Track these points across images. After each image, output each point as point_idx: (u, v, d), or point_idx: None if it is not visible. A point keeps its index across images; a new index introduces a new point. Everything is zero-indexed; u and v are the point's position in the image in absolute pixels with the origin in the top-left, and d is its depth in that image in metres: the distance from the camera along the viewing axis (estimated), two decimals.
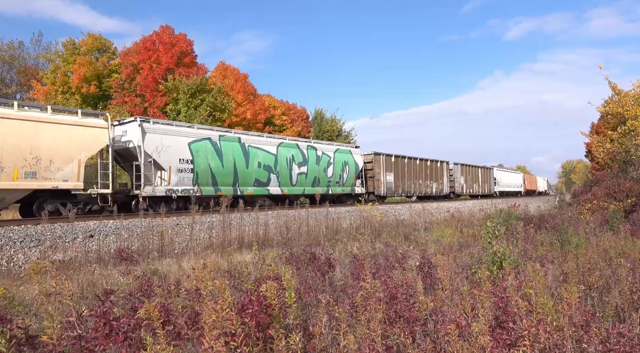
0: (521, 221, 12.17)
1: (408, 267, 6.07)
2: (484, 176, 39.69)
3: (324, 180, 21.31)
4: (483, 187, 39.16)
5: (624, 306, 4.48)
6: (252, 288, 4.21)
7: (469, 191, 35.87)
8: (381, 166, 24.98)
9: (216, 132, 17.09)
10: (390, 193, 25.41)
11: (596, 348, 3.15)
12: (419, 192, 28.49)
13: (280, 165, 19.05)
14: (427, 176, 29.65)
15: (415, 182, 28.13)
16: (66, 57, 29.03)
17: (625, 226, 10.96)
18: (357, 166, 23.54)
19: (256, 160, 17.99)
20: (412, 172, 27.95)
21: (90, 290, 5.74)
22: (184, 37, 30.09)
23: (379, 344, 3.19)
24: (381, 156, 25.21)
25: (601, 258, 6.53)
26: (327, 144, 22.94)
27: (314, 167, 20.79)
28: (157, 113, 26.89)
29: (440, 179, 31.46)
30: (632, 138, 18.55)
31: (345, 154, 22.95)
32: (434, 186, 30.45)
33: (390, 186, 25.40)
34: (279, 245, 10.60)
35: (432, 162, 30.45)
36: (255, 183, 17.90)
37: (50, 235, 9.51)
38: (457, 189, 33.76)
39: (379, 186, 24.59)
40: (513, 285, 4.35)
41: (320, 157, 21.27)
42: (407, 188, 27.35)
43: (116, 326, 3.10)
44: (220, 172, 16.62)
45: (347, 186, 22.77)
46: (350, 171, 22.96)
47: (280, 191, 18.87)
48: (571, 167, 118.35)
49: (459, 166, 34.36)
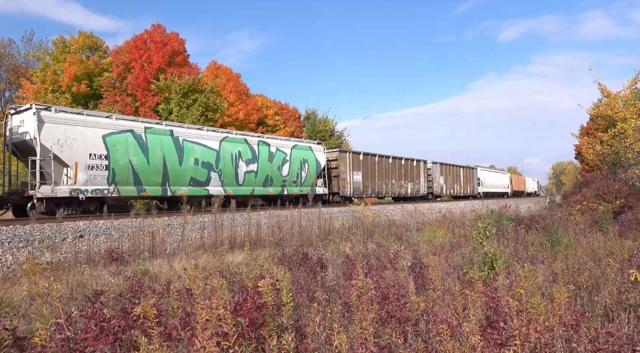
0: (512, 222, 12.27)
1: (400, 267, 6.09)
2: (466, 176, 37.85)
3: (278, 179, 19.38)
4: (465, 188, 37.39)
5: (612, 306, 4.53)
6: (246, 287, 4.20)
7: (449, 192, 34.19)
8: (347, 164, 23.02)
9: (141, 124, 14.99)
10: (358, 193, 23.58)
11: (585, 348, 3.18)
12: (392, 193, 26.60)
13: (223, 162, 17.08)
14: (401, 175, 27.68)
15: (387, 182, 26.18)
16: (56, 55, 28.73)
17: (614, 227, 11.09)
18: (318, 164, 21.62)
19: (192, 156, 15.98)
20: (384, 171, 25.98)
21: (80, 291, 5.68)
22: (176, 36, 29.93)
23: (371, 344, 3.19)
24: (347, 153, 23.41)
25: (590, 258, 6.60)
26: (283, 139, 21.02)
27: (265, 165, 18.77)
28: (148, 113, 26.71)
29: (417, 179, 29.61)
30: (621, 140, 18.79)
31: (304, 151, 20.95)
32: (410, 187, 28.57)
33: (358, 186, 23.56)
34: (271, 245, 10.58)
35: (407, 161, 28.56)
36: (191, 183, 15.90)
37: (40, 235, 9.40)
38: (436, 190, 32.08)
39: (345, 187, 22.69)
40: (504, 285, 4.38)
41: (273, 154, 19.24)
42: (379, 189, 25.38)
43: (106, 327, 3.07)
44: (145, 169, 14.57)
45: (306, 186, 20.73)
46: (310, 169, 20.95)
47: (222, 192, 16.82)
48: (561, 168, 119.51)
49: (437, 166, 32.51)
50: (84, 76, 28.07)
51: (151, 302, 3.18)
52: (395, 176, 27.02)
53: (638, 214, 12.15)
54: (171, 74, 27.20)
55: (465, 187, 37.31)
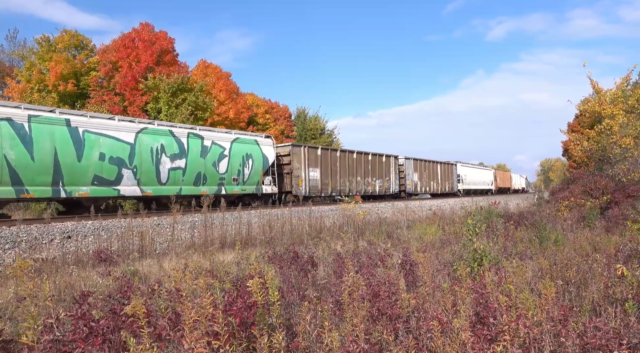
0: (501, 219, 12.38)
1: (390, 265, 6.11)
2: (444, 172, 35.66)
3: (214, 177, 16.98)
4: (443, 185, 35.17)
5: (600, 300, 4.59)
6: (237, 286, 4.18)
7: (425, 190, 32.10)
8: (302, 160, 20.71)
9: (24, 111, 12.47)
10: (315, 192, 21.36)
11: (573, 342, 3.22)
12: (357, 191, 24.57)
13: (140, 158, 14.65)
14: (368, 172, 25.44)
15: (351, 179, 24.00)
16: (42, 54, 28.32)
17: (600, 223, 11.25)
18: (265, 159, 19.18)
19: (97, 151, 13.52)
20: (346, 168, 23.78)
21: (68, 292, 5.62)
22: (165, 34, 29.65)
23: (362, 341, 3.20)
24: (302, 147, 21.08)
25: (578, 254, 6.68)
26: (222, 132, 18.63)
27: (197, 161, 16.34)
28: (137, 112, 26.46)
29: (387, 176, 27.21)
30: (608, 136, 19.05)
31: (248, 145, 18.49)
32: (378, 184, 26.28)
33: (315, 184, 21.35)
34: (262, 244, 10.56)
35: (374, 156, 26.26)
36: (95, 181, 13.45)
37: (27, 236, 9.28)
38: (409, 187, 29.72)
39: (299, 184, 20.44)
40: (493, 281, 4.42)
41: (208, 148, 16.79)
42: (341, 186, 23.28)
43: (95, 328, 3.04)
44: (27, 166, 12.08)
45: (249, 184, 18.36)
46: (255, 165, 18.51)
47: (139, 192, 14.60)
48: (549, 165, 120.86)
49: (411, 161, 30.33)
50: (71, 75, 27.69)
51: (134, 303, 3.16)
52: (360, 173, 24.83)
53: (624, 209, 12.33)
54: (160, 73, 26.96)
55: (443, 184, 35.27)
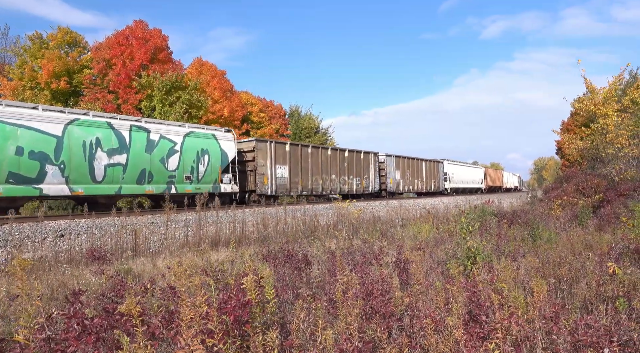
0: (495, 217, 12.44)
1: (384, 263, 6.13)
2: (430, 170, 34.23)
3: (162, 175, 15.28)
4: (428, 183, 33.71)
5: (591, 298, 4.63)
6: (231, 284, 4.18)
7: (408, 188, 30.47)
8: (268, 156, 19.12)
9: None
10: (283, 190, 19.83)
11: (565, 339, 3.25)
12: (331, 190, 22.98)
13: (69, 152, 12.96)
14: (344, 170, 23.93)
15: (324, 177, 22.36)
16: (34, 51, 28.08)
17: (593, 221, 11.34)
18: (224, 155, 17.48)
19: (13, 144, 11.86)
20: (319, 165, 22.07)
21: (61, 291, 5.59)
22: (159, 32, 29.51)
23: (355, 339, 3.21)
24: (268, 143, 19.53)
25: (570, 252, 6.73)
26: (173, 124, 16.74)
27: (141, 156, 14.57)
28: (131, 110, 26.31)
29: (365, 174, 25.72)
30: (602, 135, 19.19)
31: (203, 139, 16.76)
32: (355, 183, 24.80)
33: (283, 182, 19.77)
34: (257, 243, 10.56)
35: (351, 153, 24.82)
36: (10, 179, 11.74)
37: (19, 234, 9.22)
38: (390, 186, 28.09)
39: (264, 183, 18.80)
40: (486, 279, 4.44)
41: (155, 142, 15.05)
42: (312, 185, 21.60)
43: (88, 326, 3.03)
44: None
45: (205, 182, 16.67)
46: (212, 162, 16.85)
47: (67, 191, 12.88)
48: (543, 164, 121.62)
49: (392, 158, 28.65)
50: (63, 72, 27.48)
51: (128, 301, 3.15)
52: (335, 171, 23.27)
53: (616, 208, 12.43)
54: (154, 71, 26.84)
55: (428, 182, 33.81)
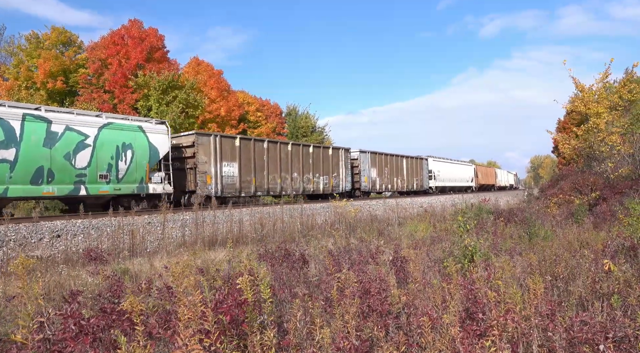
0: (491, 215, 12.48)
1: (382, 262, 6.14)
2: (412, 168, 32.20)
3: (67, 173, 13.08)
4: (410, 182, 31.66)
5: (587, 295, 4.66)
6: (227, 284, 4.18)
7: (386, 187, 28.46)
8: (212, 152, 16.87)
9: None
10: (231, 191, 17.54)
11: (561, 336, 3.27)
12: (293, 189, 20.94)
13: None
14: (308, 167, 21.89)
15: (284, 176, 20.37)
16: (30, 51, 27.97)
17: (589, 219, 11.38)
18: (153, 151, 15.11)
19: None
20: (277, 162, 20.02)
21: (58, 291, 5.58)
22: (155, 31, 29.41)
23: (352, 337, 3.22)
24: (212, 137, 17.04)
25: (566, 249, 6.76)
26: (85, 114, 14.40)
27: (36, 151, 12.38)
28: (127, 110, 26.23)
29: (335, 172, 23.67)
30: (595, 134, 19.28)
31: (126, 132, 14.38)
32: (322, 182, 22.69)
33: (231, 181, 17.53)
34: (254, 242, 10.55)
35: (317, 148, 22.88)
36: None
37: (15, 235, 9.18)
38: (365, 184, 26.17)
39: (207, 182, 16.57)
40: (482, 277, 4.46)
41: (58, 135, 12.90)
42: (269, 185, 19.44)
43: (85, 326, 3.03)
44: None
45: (128, 182, 14.31)
46: (137, 158, 14.49)
47: None
48: (539, 162, 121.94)
49: (367, 155, 26.69)
50: (59, 72, 27.39)
51: (131, 299, 3.15)
52: (298, 169, 21.17)
53: (612, 206, 12.49)
54: (150, 71, 26.76)
55: (410, 181, 31.73)
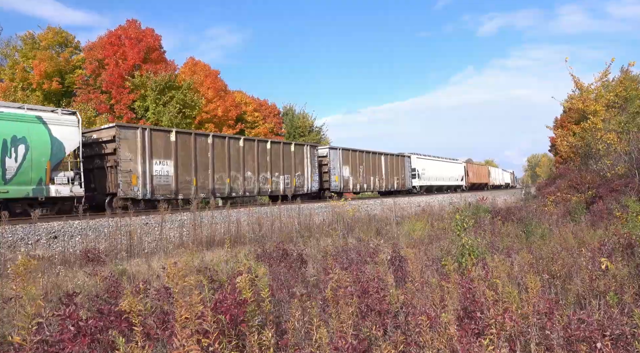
0: (489, 214, 12.51)
1: (380, 261, 6.14)
2: (392, 166, 29.94)
3: None
4: (390, 181, 29.35)
5: (584, 293, 4.67)
6: (226, 283, 4.18)
7: (361, 187, 26.27)
8: (139, 148, 14.50)
9: None
10: (164, 193, 15.19)
11: (558, 334, 3.28)
12: (245, 190, 18.49)
13: None
14: (266, 165, 19.61)
15: (235, 175, 18.03)
16: (25, 52, 27.88)
17: (586, 217, 11.41)
18: (57, 146, 12.74)
19: None
20: (226, 160, 17.62)
21: (55, 293, 5.56)
22: (151, 32, 29.36)
23: (350, 337, 3.22)
24: (138, 131, 14.65)
25: (563, 248, 6.78)
26: None
27: None
28: (124, 110, 26.19)
29: (298, 170, 21.49)
30: (592, 132, 19.35)
31: (18, 124, 11.95)
32: (283, 181, 20.50)
33: (164, 182, 15.24)
34: (252, 242, 10.55)
35: (276, 145, 20.71)
36: None
37: (12, 236, 9.15)
38: (335, 184, 23.76)
39: (132, 183, 14.21)
40: (480, 276, 4.47)
41: None
42: (216, 185, 17.10)
43: (83, 327, 3.02)
44: None
45: (20, 183, 11.86)
46: (33, 156, 12.11)
47: None
48: (536, 161, 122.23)
49: (338, 152, 24.45)
50: (55, 72, 27.31)
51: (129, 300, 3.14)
52: (252, 167, 18.90)
53: (609, 204, 12.53)
54: (147, 71, 26.70)
55: (390, 180, 29.43)
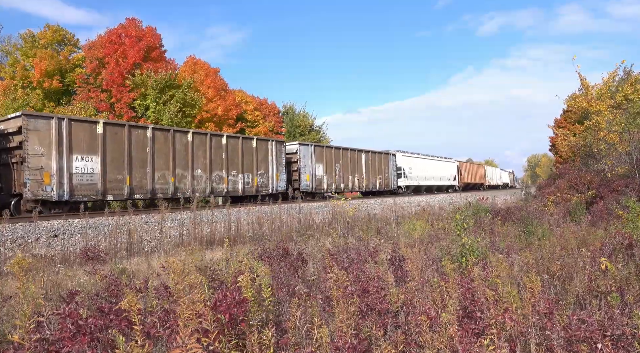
0: (489, 214, 12.51)
1: (380, 261, 6.14)
2: (375, 164, 27.86)
3: None
4: (372, 180, 27.32)
5: (584, 293, 4.66)
6: (226, 283, 4.17)
7: (337, 187, 24.06)
8: (54, 142, 12.56)
9: None
10: (89, 193, 13.33)
11: (559, 335, 3.27)
12: (194, 190, 16.11)
13: None
14: (223, 163, 17.50)
15: (183, 173, 15.92)
16: (25, 50, 27.87)
17: (586, 217, 11.41)
18: None
19: None
20: (171, 156, 15.48)
21: (55, 291, 5.56)
22: (152, 30, 29.33)
23: (350, 336, 3.21)
24: (53, 121, 12.67)
25: (563, 248, 6.78)
26: None
27: None
28: (124, 109, 26.18)
29: (261, 168, 19.37)
30: (594, 132, 19.32)
31: None
32: (242, 181, 18.29)
33: (88, 181, 13.31)
34: (252, 241, 10.54)
35: (234, 139, 18.41)
36: None
37: (12, 235, 9.15)
38: (307, 184, 21.65)
39: (45, 182, 12.30)
40: (480, 276, 4.46)
41: None
42: (157, 185, 14.99)
43: (83, 326, 3.02)
44: None
45: None
46: None
47: None
48: (536, 161, 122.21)
49: (310, 148, 22.28)
50: (55, 71, 27.30)
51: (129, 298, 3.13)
52: (204, 165, 16.77)
53: (609, 204, 12.53)
54: (147, 70, 26.69)
55: (372, 180, 27.36)
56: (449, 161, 41.12)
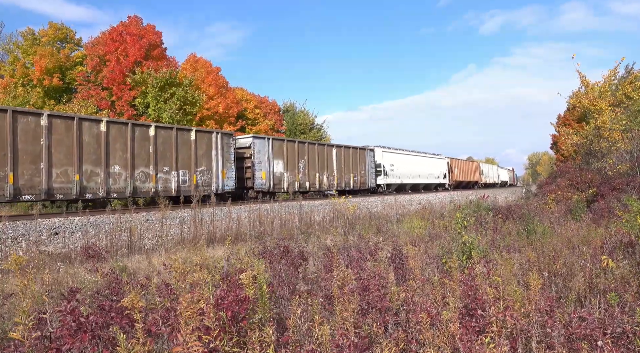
0: (490, 212, 12.50)
1: (380, 259, 6.15)
2: (348, 160, 25.38)
3: None
4: (345, 178, 24.92)
5: (585, 291, 4.67)
6: (227, 281, 4.18)
7: (302, 186, 21.69)
8: None
9: None
10: None
11: (559, 332, 3.27)
12: (108, 190, 13.81)
13: None
14: (151, 159, 15.11)
15: (94, 170, 13.53)
16: (26, 48, 27.86)
17: (587, 216, 11.40)
18: None
19: None
20: (76, 149, 12.99)
21: (56, 289, 5.57)
22: (153, 28, 29.31)
23: (352, 334, 3.22)
24: None
25: (564, 246, 6.78)
26: None
27: None
28: (125, 107, 26.17)
29: (202, 165, 16.99)
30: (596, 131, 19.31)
31: None
32: (178, 179, 16.01)
33: None
34: (252, 239, 10.55)
35: (167, 131, 15.98)
36: None
37: (13, 232, 9.16)
38: (263, 182, 19.24)
39: None
40: (481, 273, 4.46)
41: None
42: (55, 183, 12.50)
43: (84, 323, 3.02)
44: None
45: None
46: None
47: None
48: (537, 159, 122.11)
49: (267, 143, 19.83)
50: (56, 69, 27.29)
51: (131, 296, 3.14)
52: (123, 160, 14.41)
53: (610, 202, 12.52)
54: (148, 68, 26.67)
55: (344, 177, 24.92)
56: (438, 158, 38.51)
